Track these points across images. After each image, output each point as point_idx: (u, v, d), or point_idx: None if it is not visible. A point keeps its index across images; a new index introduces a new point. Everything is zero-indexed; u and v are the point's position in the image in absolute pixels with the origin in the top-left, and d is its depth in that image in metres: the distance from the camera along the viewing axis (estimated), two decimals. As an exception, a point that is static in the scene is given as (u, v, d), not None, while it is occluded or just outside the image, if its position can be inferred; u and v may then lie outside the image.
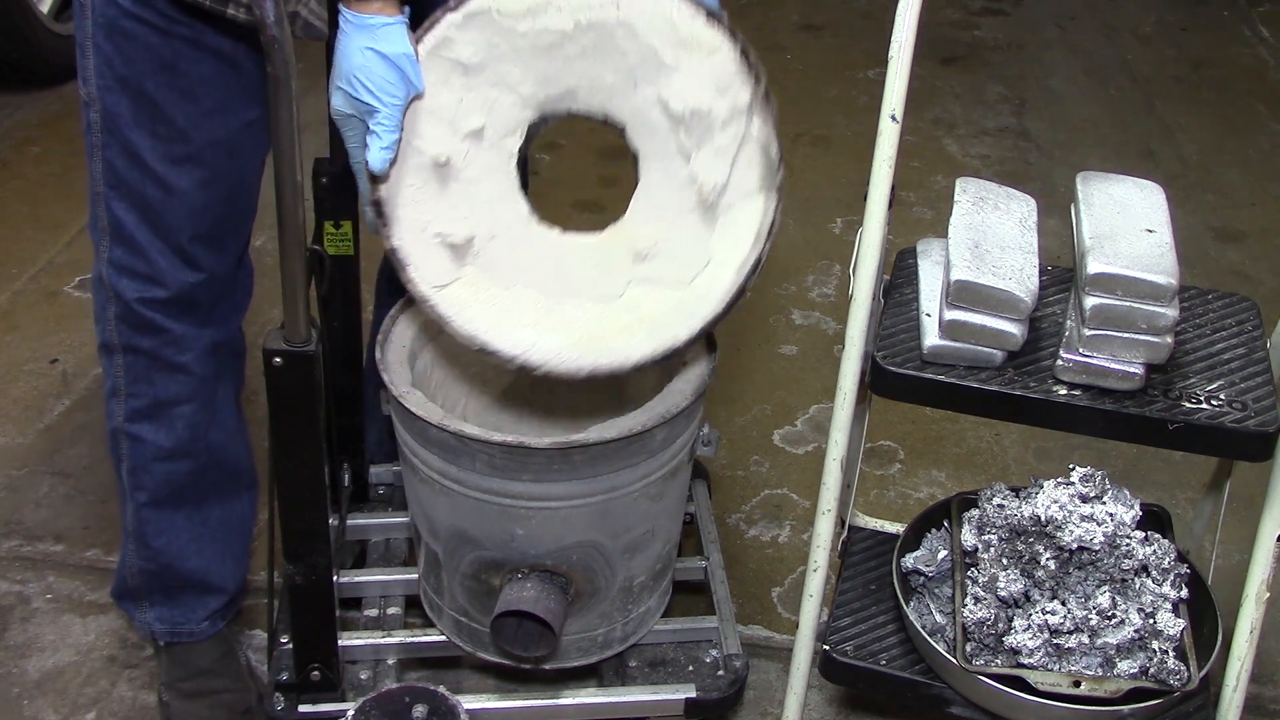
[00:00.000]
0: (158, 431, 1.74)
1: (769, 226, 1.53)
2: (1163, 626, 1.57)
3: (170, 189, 1.59)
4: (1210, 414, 1.45)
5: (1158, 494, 2.30)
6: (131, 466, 1.76)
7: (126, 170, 1.59)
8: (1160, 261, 1.44)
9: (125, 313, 1.68)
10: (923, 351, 1.52)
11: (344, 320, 1.88)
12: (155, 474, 1.76)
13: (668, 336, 1.56)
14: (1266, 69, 3.94)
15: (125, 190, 1.61)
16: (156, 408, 1.73)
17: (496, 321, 1.56)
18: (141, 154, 1.58)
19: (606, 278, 1.59)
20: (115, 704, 1.91)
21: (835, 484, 1.59)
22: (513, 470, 1.55)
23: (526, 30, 1.47)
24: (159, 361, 1.70)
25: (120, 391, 1.73)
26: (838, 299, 2.81)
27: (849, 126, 3.54)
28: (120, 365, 1.72)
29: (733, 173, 1.50)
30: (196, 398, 1.73)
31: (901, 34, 1.36)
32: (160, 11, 1.50)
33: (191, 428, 1.74)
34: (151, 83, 1.53)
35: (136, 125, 1.56)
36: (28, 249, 2.94)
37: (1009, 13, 4.26)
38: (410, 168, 1.50)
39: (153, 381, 1.71)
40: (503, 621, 1.63)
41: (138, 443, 1.75)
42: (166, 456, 1.75)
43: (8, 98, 3.54)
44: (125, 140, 1.57)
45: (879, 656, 1.68)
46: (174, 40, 1.51)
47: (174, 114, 1.55)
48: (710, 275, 1.57)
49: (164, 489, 1.77)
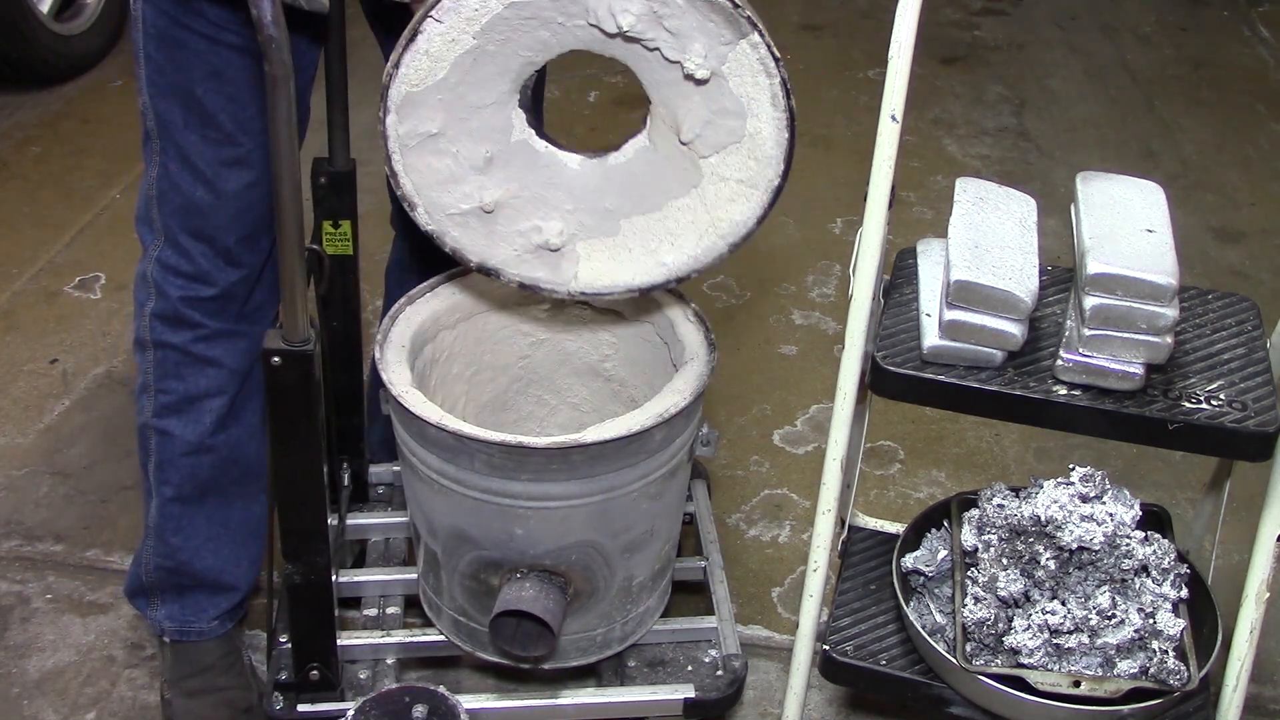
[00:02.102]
0: (185, 426, 1.78)
1: (786, 146, 1.50)
2: (1163, 626, 1.57)
3: (219, 192, 1.66)
4: (1210, 414, 1.45)
5: (1158, 494, 2.30)
6: (159, 461, 1.80)
7: (179, 173, 1.65)
8: (1160, 261, 1.44)
9: (166, 308, 1.72)
10: (923, 351, 1.52)
11: (343, 320, 1.88)
12: (181, 468, 1.80)
13: (708, 248, 1.56)
14: (1266, 69, 3.94)
15: (177, 193, 1.67)
16: (185, 403, 1.77)
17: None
18: (193, 158, 1.64)
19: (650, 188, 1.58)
20: (115, 704, 1.91)
21: (835, 484, 1.59)
22: (511, 470, 1.55)
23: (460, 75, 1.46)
24: (190, 356, 1.74)
25: (150, 388, 1.78)
26: (838, 299, 2.81)
27: (849, 126, 3.54)
28: (151, 361, 1.76)
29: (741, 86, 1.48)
30: (225, 392, 1.78)
31: (901, 34, 1.36)
32: (209, 19, 1.56)
33: (217, 422, 1.79)
34: (201, 88, 1.60)
35: (187, 129, 1.62)
36: (28, 249, 2.94)
37: (1009, 13, 4.26)
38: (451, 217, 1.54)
39: (182, 377, 1.76)
40: (501, 621, 1.63)
41: (165, 437, 1.79)
42: (192, 451, 1.79)
43: (8, 98, 3.54)
44: (178, 145, 1.64)
45: (879, 656, 1.68)
46: (220, 47, 1.58)
47: (222, 119, 1.62)
48: (741, 196, 1.54)
49: (188, 484, 1.81)
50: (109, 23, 3.75)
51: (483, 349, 1.85)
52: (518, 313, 1.84)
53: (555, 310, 1.85)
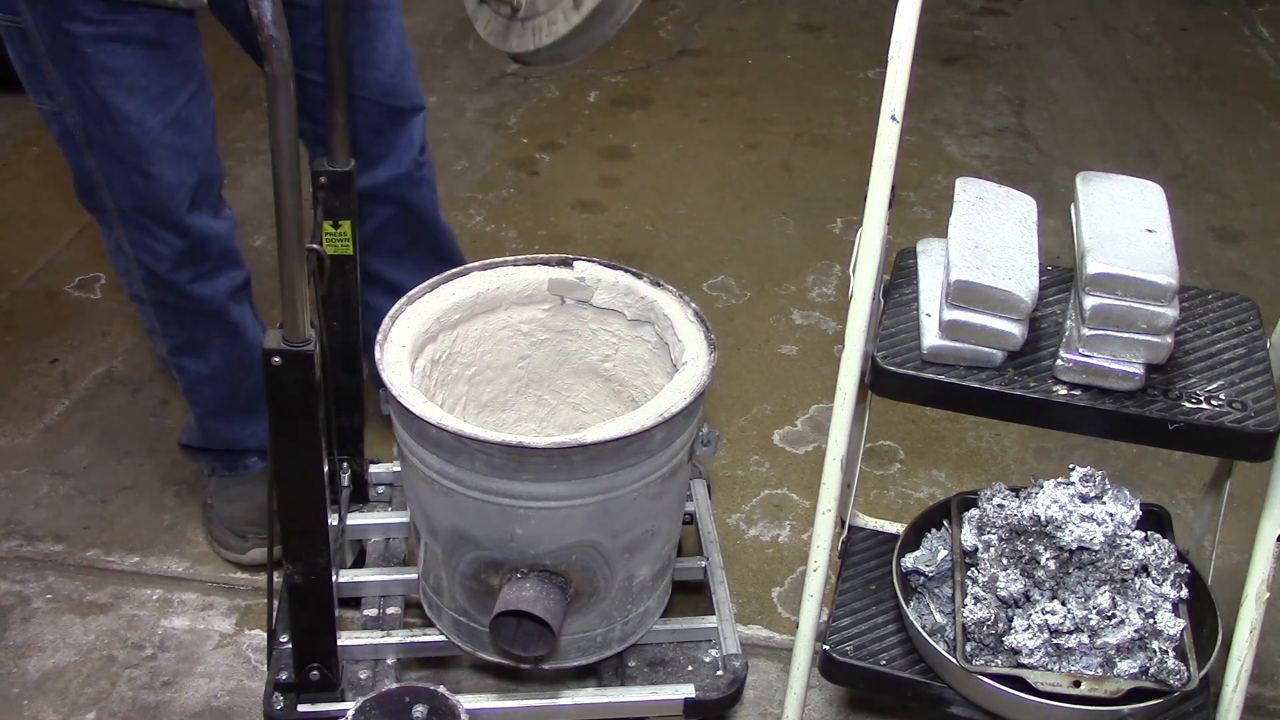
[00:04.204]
0: (198, 362, 2.01)
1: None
2: (1163, 626, 1.57)
3: (150, 176, 1.79)
4: (1210, 414, 1.45)
5: (1158, 494, 2.30)
6: (185, 387, 2.07)
7: (111, 165, 1.79)
8: (1160, 261, 1.44)
9: (148, 275, 1.91)
10: (923, 351, 1.52)
11: (343, 320, 1.89)
12: (205, 393, 2.06)
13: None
14: (1266, 69, 3.94)
15: (117, 181, 1.81)
16: (191, 344, 1.99)
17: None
18: (118, 150, 1.77)
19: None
20: (115, 704, 1.91)
21: (835, 484, 1.59)
22: (512, 470, 1.55)
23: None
24: (184, 309, 1.95)
25: (157, 330, 2.00)
26: (838, 299, 2.81)
27: (849, 126, 3.54)
28: (152, 312, 1.97)
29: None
30: (224, 332, 1.98)
31: (901, 34, 1.36)
32: (87, 19, 1.66)
33: (225, 355, 2.00)
34: (100, 85, 1.71)
35: (102, 126, 1.75)
36: (28, 249, 2.94)
37: (1009, 13, 4.26)
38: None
39: (183, 324, 1.97)
40: (502, 621, 1.63)
41: (184, 371, 2.04)
42: (209, 380, 2.03)
43: (8, 98, 3.52)
44: (100, 142, 1.77)
45: (879, 656, 1.68)
46: (106, 43, 1.69)
47: (129, 110, 1.74)
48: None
49: (215, 403, 2.07)
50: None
51: (483, 349, 1.85)
52: (518, 313, 1.84)
53: (555, 310, 1.85)
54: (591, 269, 1.82)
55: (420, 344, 1.73)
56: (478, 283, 1.80)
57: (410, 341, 1.70)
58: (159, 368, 2.57)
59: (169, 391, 2.51)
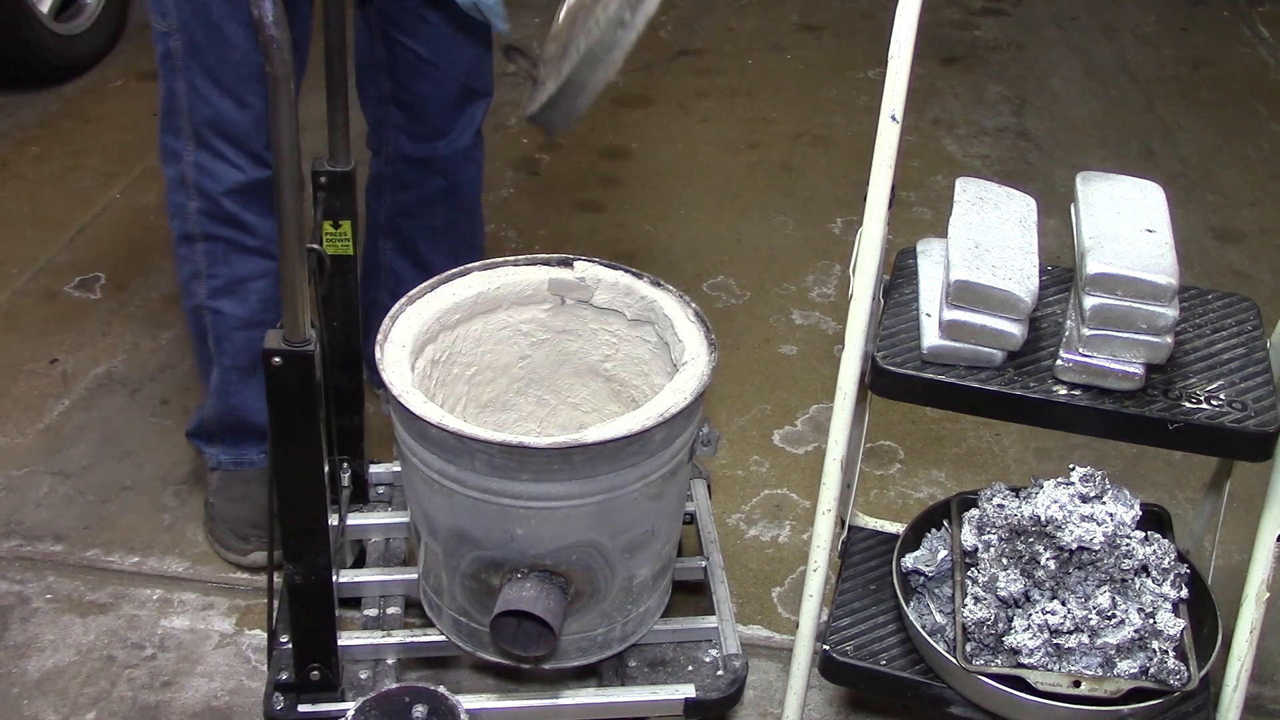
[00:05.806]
0: (236, 305, 2.04)
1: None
2: (1163, 626, 1.57)
3: (245, 105, 1.87)
4: (1210, 414, 1.45)
5: (1158, 494, 2.30)
6: (216, 336, 2.08)
7: (206, 88, 1.86)
8: (1160, 261, 1.44)
9: (209, 207, 1.95)
10: (923, 351, 1.52)
11: (343, 320, 1.89)
12: (236, 341, 2.07)
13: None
14: (1266, 69, 3.94)
15: (206, 106, 1.87)
16: (234, 284, 2.02)
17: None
18: (219, 76, 1.85)
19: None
20: (115, 704, 1.91)
21: (835, 484, 1.59)
22: (512, 470, 1.55)
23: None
24: (235, 245, 1.98)
25: (201, 274, 2.03)
26: (838, 299, 2.81)
27: (849, 126, 3.54)
28: (201, 252, 2.00)
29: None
30: (269, 274, 2.01)
31: (901, 34, 1.36)
32: None
33: (264, 299, 2.04)
34: (217, 13, 1.80)
35: (209, 50, 1.83)
36: (28, 249, 2.94)
37: (1009, 13, 4.26)
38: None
39: (230, 263, 2.00)
40: (502, 621, 1.63)
41: (219, 315, 2.05)
42: (244, 326, 2.05)
43: (8, 98, 3.54)
44: (204, 62, 1.84)
45: (879, 656, 1.68)
46: None
47: (240, 40, 1.82)
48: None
49: (243, 354, 2.07)
50: (109, 23, 3.75)
51: (483, 349, 1.85)
52: (518, 313, 1.84)
53: (555, 310, 1.85)
54: (591, 269, 1.82)
55: (420, 344, 1.73)
56: (478, 283, 1.80)
57: (410, 341, 1.70)
58: (159, 367, 2.57)
59: (169, 391, 2.51)
